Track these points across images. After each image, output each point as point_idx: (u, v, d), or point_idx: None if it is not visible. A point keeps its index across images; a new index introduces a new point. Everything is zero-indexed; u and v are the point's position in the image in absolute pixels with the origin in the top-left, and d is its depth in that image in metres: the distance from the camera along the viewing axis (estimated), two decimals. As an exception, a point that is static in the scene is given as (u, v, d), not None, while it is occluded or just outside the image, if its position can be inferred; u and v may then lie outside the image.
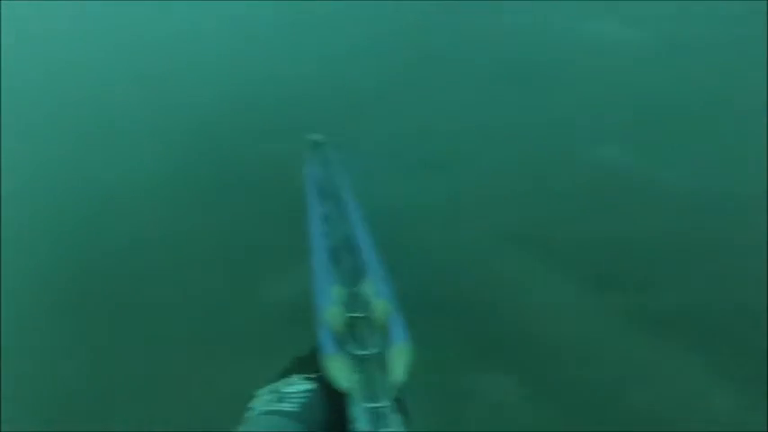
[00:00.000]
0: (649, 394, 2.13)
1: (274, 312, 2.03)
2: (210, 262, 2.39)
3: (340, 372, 0.56)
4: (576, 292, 2.40)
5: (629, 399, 2.12)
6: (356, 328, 0.61)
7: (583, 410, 2.08)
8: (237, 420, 0.69)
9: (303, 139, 0.95)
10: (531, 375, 2.21)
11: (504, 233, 2.66)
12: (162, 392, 1.78)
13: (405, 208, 2.75)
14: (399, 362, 0.56)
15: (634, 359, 2.29)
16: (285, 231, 2.27)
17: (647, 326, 2.38)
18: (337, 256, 0.73)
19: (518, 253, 2.70)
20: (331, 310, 0.63)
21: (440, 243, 2.69)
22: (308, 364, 0.70)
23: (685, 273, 2.56)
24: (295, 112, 3.42)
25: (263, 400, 0.71)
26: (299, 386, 0.71)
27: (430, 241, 2.71)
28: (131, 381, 1.79)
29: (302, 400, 0.68)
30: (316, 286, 0.67)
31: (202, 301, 2.19)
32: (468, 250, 2.79)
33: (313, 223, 0.78)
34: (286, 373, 0.75)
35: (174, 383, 1.81)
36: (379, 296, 0.63)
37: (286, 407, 0.67)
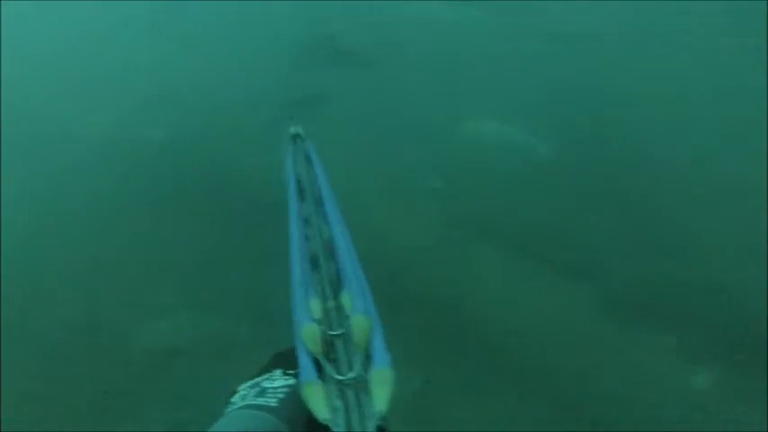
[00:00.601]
0: (624, 379, 2.17)
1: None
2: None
3: (318, 400, 0.52)
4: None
5: (602, 384, 2.16)
6: (335, 349, 0.57)
7: (555, 396, 2.12)
8: (219, 416, 0.71)
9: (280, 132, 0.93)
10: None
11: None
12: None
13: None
14: (381, 389, 0.50)
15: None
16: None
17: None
18: (316, 264, 0.70)
19: (463, 236, 2.73)
20: (308, 328, 0.59)
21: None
22: (289, 359, 0.70)
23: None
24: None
25: (243, 395, 0.73)
26: (279, 381, 0.73)
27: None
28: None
29: (281, 396, 0.69)
30: (294, 299, 0.63)
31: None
32: (417, 239, 2.79)
33: (293, 226, 0.74)
34: (267, 369, 0.77)
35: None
36: (357, 311, 0.59)
37: (265, 401, 0.69)
